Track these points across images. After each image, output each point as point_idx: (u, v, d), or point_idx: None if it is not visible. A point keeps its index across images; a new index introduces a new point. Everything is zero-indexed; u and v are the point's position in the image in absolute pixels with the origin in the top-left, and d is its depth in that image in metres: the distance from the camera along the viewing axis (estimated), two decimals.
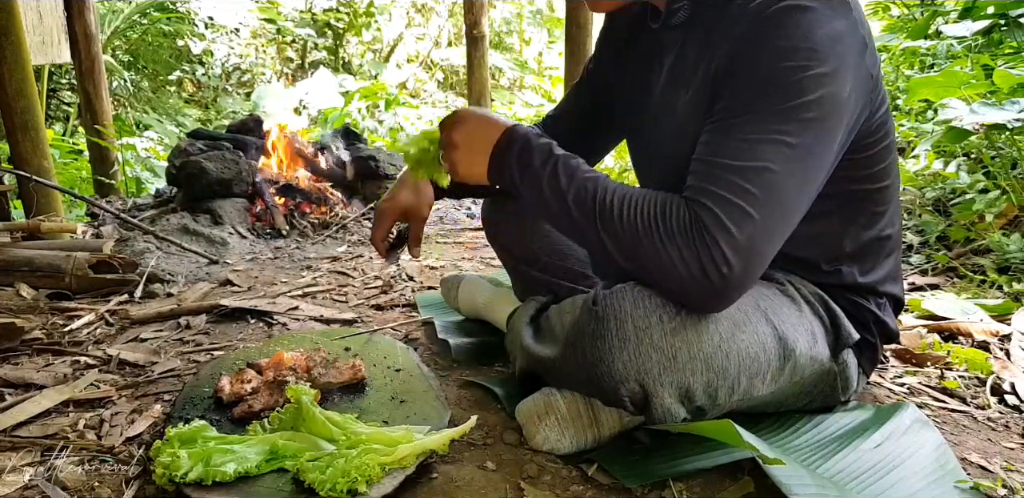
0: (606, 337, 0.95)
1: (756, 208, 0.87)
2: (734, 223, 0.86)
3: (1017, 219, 2.21)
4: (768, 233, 0.88)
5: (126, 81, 7.30)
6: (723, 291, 0.89)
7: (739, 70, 0.92)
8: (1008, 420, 1.26)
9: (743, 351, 0.97)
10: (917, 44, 3.33)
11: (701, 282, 0.88)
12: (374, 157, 3.23)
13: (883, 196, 1.11)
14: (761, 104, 0.89)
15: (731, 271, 0.87)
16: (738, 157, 0.89)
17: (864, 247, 1.13)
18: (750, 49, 0.91)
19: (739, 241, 0.86)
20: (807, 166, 0.90)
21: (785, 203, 0.89)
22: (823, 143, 0.90)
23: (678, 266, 0.89)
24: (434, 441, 1.02)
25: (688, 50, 1.04)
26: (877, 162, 1.07)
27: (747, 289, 0.91)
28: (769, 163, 0.87)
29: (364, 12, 8.48)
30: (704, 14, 1.01)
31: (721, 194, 0.88)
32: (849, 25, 0.91)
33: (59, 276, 1.95)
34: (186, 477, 0.94)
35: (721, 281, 0.87)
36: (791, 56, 0.88)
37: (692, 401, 0.97)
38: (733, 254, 0.86)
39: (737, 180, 0.88)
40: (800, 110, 0.88)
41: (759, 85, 0.90)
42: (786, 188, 0.88)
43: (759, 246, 0.88)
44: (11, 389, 1.35)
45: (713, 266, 0.87)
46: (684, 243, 0.88)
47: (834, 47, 0.89)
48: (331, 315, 1.80)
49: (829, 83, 0.88)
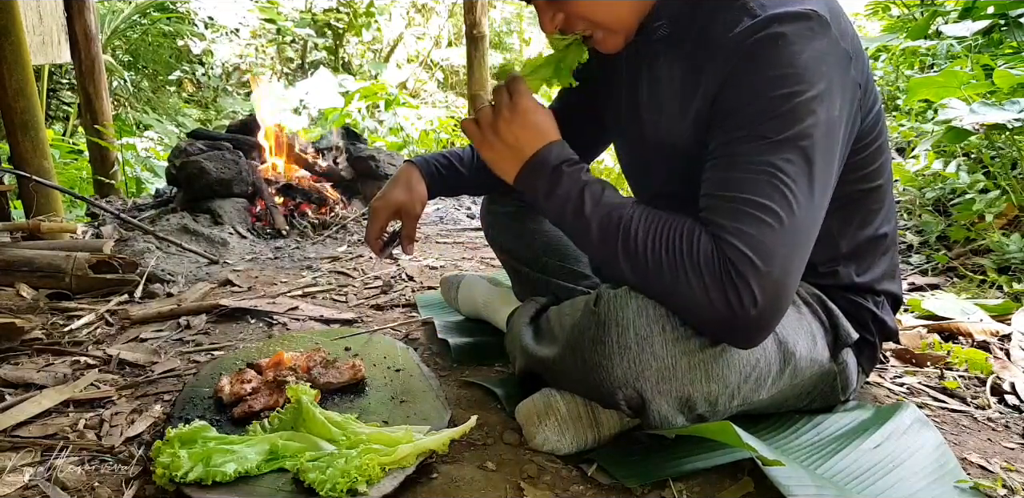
0: (607, 343, 0.95)
1: (779, 243, 0.88)
2: (761, 260, 0.87)
3: (1017, 219, 2.21)
4: (792, 264, 0.89)
5: (126, 81, 7.30)
6: (754, 327, 0.89)
7: (732, 103, 0.93)
8: (1008, 420, 1.26)
9: (744, 358, 0.97)
10: (917, 44, 3.33)
11: (730, 319, 0.88)
12: (374, 157, 3.23)
13: (878, 195, 1.12)
14: (760, 136, 0.90)
15: (759, 308, 0.87)
16: (752, 191, 0.89)
17: (860, 246, 1.13)
18: (739, 82, 0.92)
19: (766, 278, 0.87)
20: (814, 190, 0.90)
21: (802, 231, 0.90)
22: (825, 163, 0.91)
23: (706, 301, 0.88)
24: (434, 441, 1.02)
25: (672, 64, 1.05)
26: (871, 162, 1.07)
27: (777, 323, 0.91)
28: (783, 195, 0.88)
29: (364, 12, 8.48)
30: (684, 31, 1.02)
31: (743, 230, 0.88)
32: (830, 42, 0.91)
33: (59, 276, 1.95)
34: (186, 477, 0.94)
35: (750, 318, 0.87)
36: (780, 84, 0.89)
37: (693, 410, 0.97)
38: (761, 291, 0.86)
39: (757, 213, 0.88)
40: (799, 138, 0.89)
41: (754, 117, 0.90)
42: (801, 217, 0.89)
43: (784, 280, 0.88)
44: (11, 389, 1.35)
45: (741, 304, 0.87)
46: (712, 279, 0.88)
47: (819, 68, 0.89)
48: (331, 315, 1.80)
49: (819, 104, 0.89)
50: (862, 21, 5.12)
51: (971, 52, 2.98)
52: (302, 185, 3.12)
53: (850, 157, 1.03)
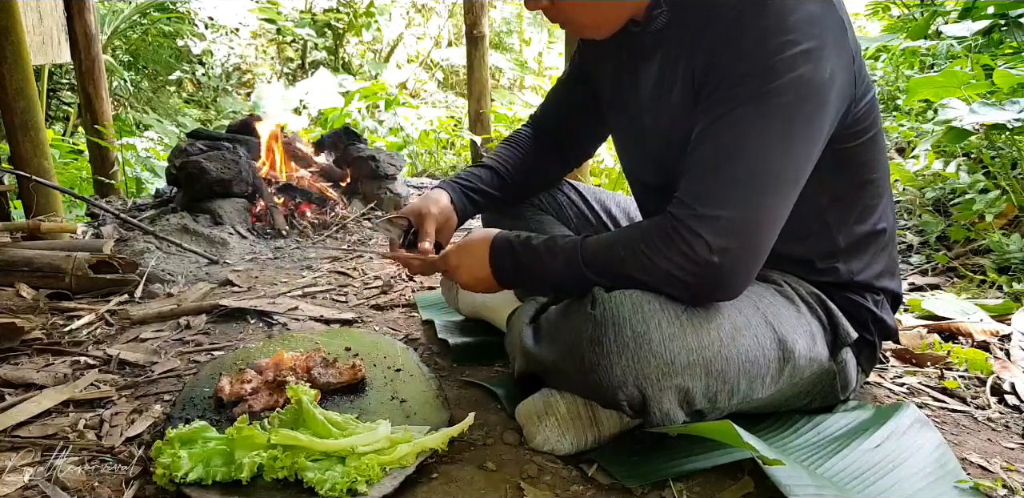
0: (604, 343, 0.95)
1: (735, 189, 0.87)
2: (712, 207, 0.87)
3: (1017, 219, 2.21)
4: (756, 209, 0.88)
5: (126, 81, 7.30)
6: (729, 272, 0.89)
7: (718, 63, 0.93)
8: (1008, 420, 1.26)
9: (743, 355, 0.97)
10: (917, 44, 3.33)
11: (701, 270, 0.88)
12: (374, 157, 3.23)
13: (874, 189, 1.11)
14: (739, 93, 0.90)
15: (728, 250, 0.87)
16: (717, 150, 0.90)
17: (858, 242, 1.13)
18: (727, 42, 0.92)
19: (723, 222, 0.86)
20: (789, 146, 0.89)
21: (768, 181, 0.89)
22: (800, 122, 0.90)
23: (671, 269, 0.91)
24: (434, 439, 1.02)
25: (672, 53, 1.05)
26: (865, 153, 1.07)
27: (756, 263, 0.91)
28: (746, 148, 0.88)
29: (364, 12, 8.47)
30: (684, 18, 1.02)
31: (696, 188, 0.89)
32: (825, 7, 0.91)
33: (59, 276, 1.95)
34: (186, 477, 0.94)
35: (719, 263, 0.88)
36: (764, 40, 0.88)
37: (691, 405, 0.97)
38: (714, 234, 0.87)
39: (704, 169, 0.89)
40: (777, 93, 0.88)
41: (736, 74, 0.90)
42: (767, 168, 0.88)
43: (750, 223, 0.88)
44: (11, 389, 1.35)
45: (702, 251, 0.87)
46: (666, 244, 0.90)
47: (810, 28, 0.89)
48: (331, 315, 1.80)
49: (804, 63, 0.88)
50: (862, 21, 5.12)
51: (971, 52, 2.98)
52: (302, 185, 3.12)
53: (842, 144, 1.03)
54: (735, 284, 0.92)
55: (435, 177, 4.80)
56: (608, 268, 0.98)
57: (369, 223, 3.07)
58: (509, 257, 1.10)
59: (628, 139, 1.26)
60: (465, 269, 1.14)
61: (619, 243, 0.97)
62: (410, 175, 4.87)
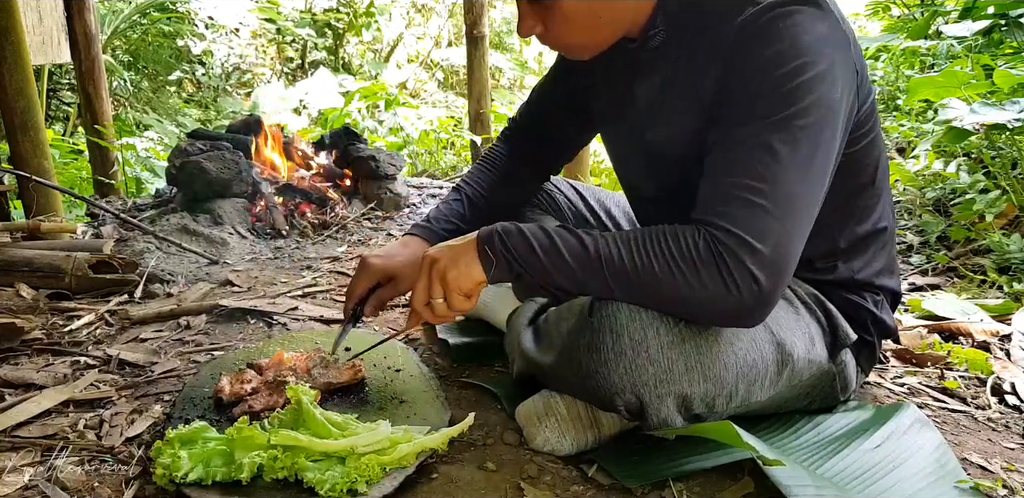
0: (602, 350, 0.95)
1: (772, 220, 0.87)
2: (755, 238, 0.87)
3: (1017, 219, 2.21)
4: (789, 240, 0.89)
5: (126, 81, 7.30)
6: (759, 305, 0.89)
7: (732, 84, 0.93)
8: (1008, 420, 1.26)
9: (741, 359, 0.97)
10: (917, 44, 3.33)
11: (737, 302, 0.88)
12: (374, 157, 3.23)
13: (874, 189, 1.12)
14: (758, 116, 0.90)
15: (762, 285, 0.87)
16: (744, 174, 0.89)
17: (858, 241, 1.13)
18: (740, 63, 0.92)
19: (764, 255, 0.87)
20: (811, 170, 0.90)
21: (799, 209, 0.90)
22: (822, 145, 0.91)
23: (710, 294, 0.88)
24: (433, 439, 1.02)
25: (671, 68, 1.05)
26: (866, 154, 1.07)
27: (780, 296, 0.91)
28: (776, 174, 0.88)
29: (364, 12, 8.47)
30: (682, 36, 1.02)
31: (734, 212, 0.88)
32: (832, 25, 0.92)
33: (59, 276, 1.95)
34: (186, 478, 0.94)
35: (755, 297, 0.87)
36: (780, 64, 0.89)
37: (689, 410, 0.97)
38: (760, 269, 0.86)
39: (748, 196, 0.88)
40: (796, 117, 0.88)
41: (753, 97, 0.91)
42: (796, 195, 0.89)
43: (783, 255, 0.88)
44: (11, 389, 1.35)
45: (745, 284, 0.87)
46: (709, 270, 0.87)
47: (822, 49, 0.90)
48: (331, 315, 1.80)
49: (819, 86, 0.89)
50: (862, 21, 5.11)
51: (971, 52, 2.98)
52: (302, 185, 3.12)
53: (846, 149, 1.03)
54: (762, 314, 0.91)
55: (435, 177, 4.80)
56: (638, 284, 0.91)
57: (369, 223, 3.07)
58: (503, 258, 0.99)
59: (625, 150, 1.27)
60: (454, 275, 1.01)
61: (652, 253, 0.90)
62: (410, 175, 4.87)
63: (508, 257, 0.98)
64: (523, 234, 0.98)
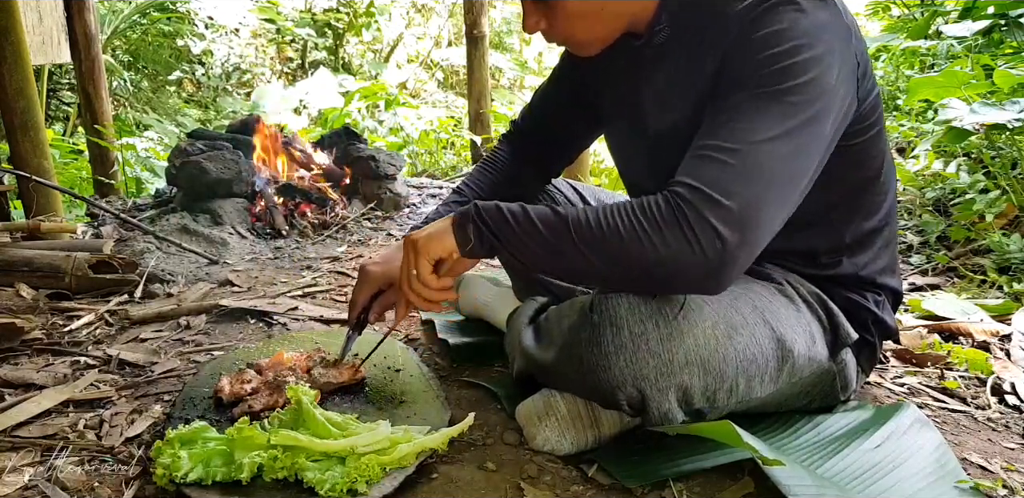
0: (602, 344, 0.95)
1: (741, 179, 0.86)
2: (720, 194, 0.85)
3: (1017, 219, 2.21)
4: (759, 203, 0.86)
5: (126, 81, 7.30)
6: (724, 265, 0.86)
7: (729, 64, 0.93)
8: (1008, 420, 1.26)
9: (740, 353, 0.97)
10: (917, 44, 3.33)
11: (700, 261, 0.85)
12: (374, 157, 3.23)
13: (881, 185, 1.12)
14: (748, 88, 0.90)
15: (727, 242, 0.84)
16: (721, 137, 0.89)
17: (863, 238, 1.13)
18: (738, 45, 0.92)
19: (729, 210, 0.84)
20: (793, 144, 0.88)
21: (772, 175, 0.87)
22: (811, 125, 0.89)
23: (673, 252, 0.85)
24: (433, 439, 1.02)
25: (676, 64, 1.05)
26: (871, 148, 1.07)
27: (749, 260, 0.89)
28: (753, 138, 0.87)
29: (364, 12, 8.47)
30: (686, 31, 1.02)
31: (701, 171, 0.87)
32: (833, 14, 0.92)
33: (59, 276, 1.95)
34: (186, 478, 0.94)
35: (719, 255, 0.84)
36: (778, 43, 0.89)
37: (690, 404, 0.97)
38: (724, 225, 0.84)
39: (718, 155, 0.87)
40: (787, 93, 0.88)
41: (747, 73, 0.91)
42: (772, 161, 0.87)
43: (751, 216, 0.85)
44: (11, 389, 1.35)
45: (708, 240, 0.84)
46: (671, 228, 0.85)
47: (820, 34, 0.90)
48: (331, 315, 1.80)
49: (815, 68, 0.89)
50: (862, 21, 5.11)
51: (971, 52, 2.97)
52: (302, 185, 3.12)
53: (851, 140, 1.03)
54: (725, 277, 0.88)
55: (435, 177, 4.80)
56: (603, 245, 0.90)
57: (369, 223, 3.07)
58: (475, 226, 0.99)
59: (628, 149, 1.26)
60: (424, 238, 1.02)
61: (618, 215, 0.90)
62: (410, 175, 4.87)
63: (482, 226, 0.98)
64: (498, 206, 0.99)
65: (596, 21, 1.03)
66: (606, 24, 1.04)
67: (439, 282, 1.05)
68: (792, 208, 0.92)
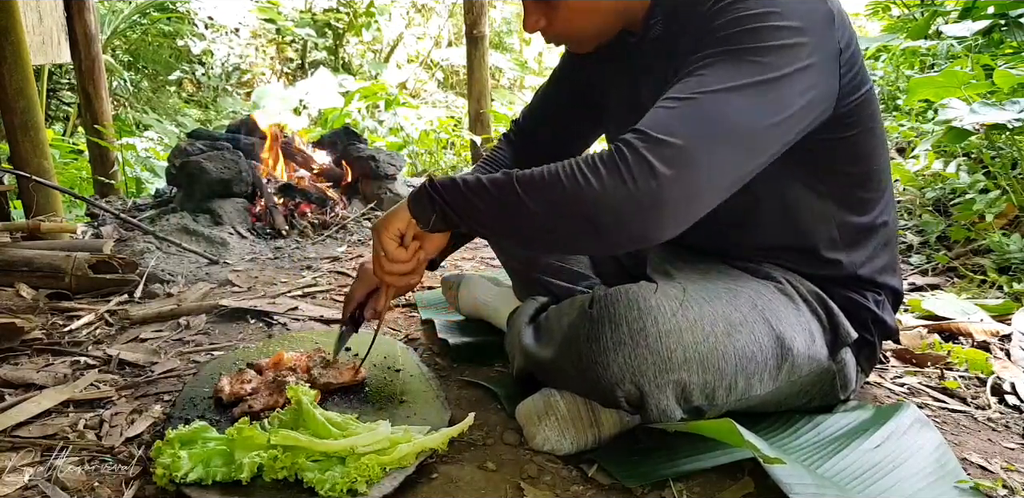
0: (601, 340, 0.95)
1: (686, 120, 0.85)
2: (659, 132, 0.84)
3: (1017, 219, 2.21)
4: (702, 143, 0.84)
5: (126, 81, 7.30)
6: (658, 202, 0.83)
7: (705, 34, 0.93)
8: (1008, 420, 1.26)
9: (740, 351, 0.97)
10: (917, 44, 3.33)
11: (632, 196, 0.83)
12: (374, 157, 3.23)
13: (873, 183, 1.12)
14: (713, 50, 0.90)
15: (660, 177, 0.82)
16: (677, 91, 0.89)
17: (860, 234, 1.13)
18: (713, 14, 0.93)
19: (669, 147, 0.83)
20: (753, 101, 0.86)
21: (721, 121, 0.85)
22: (776, 89, 0.88)
23: (606, 187, 0.84)
24: (433, 439, 1.02)
25: (670, 59, 1.05)
26: (862, 145, 1.07)
27: (689, 205, 0.86)
28: (706, 89, 0.86)
29: (364, 12, 8.48)
30: (679, 25, 1.02)
31: (653, 117, 0.87)
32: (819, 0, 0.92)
33: (59, 276, 1.95)
34: (186, 478, 0.94)
35: (653, 191, 0.82)
36: (750, 9, 0.89)
37: (689, 401, 0.97)
38: (660, 160, 0.82)
39: (670, 104, 0.87)
40: (752, 53, 0.87)
41: (715, 37, 0.91)
42: (723, 108, 0.86)
43: (692, 154, 0.83)
44: (11, 389, 1.35)
45: (641, 174, 0.82)
46: (608, 166, 0.85)
47: (797, 9, 0.90)
48: (331, 315, 1.80)
49: (788, 37, 0.88)
50: (862, 21, 5.12)
51: (971, 52, 2.98)
52: (302, 185, 3.12)
53: (837, 133, 1.02)
54: (662, 218, 0.85)
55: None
56: (544, 191, 0.89)
57: (369, 223, 3.07)
58: (427, 193, 1.01)
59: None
60: (383, 219, 1.07)
61: (561, 165, 0.90)
62: (410, 175, 4.87)
63: (434, 194, 1.00)
64: (452, 177, 1.00)
65: (594, 17, 1.05)
66: (604, 19, 1.06)
67: (406, 254, 1.07)
68: (747, 168, 0.89)
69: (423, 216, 1.03)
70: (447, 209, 0.99)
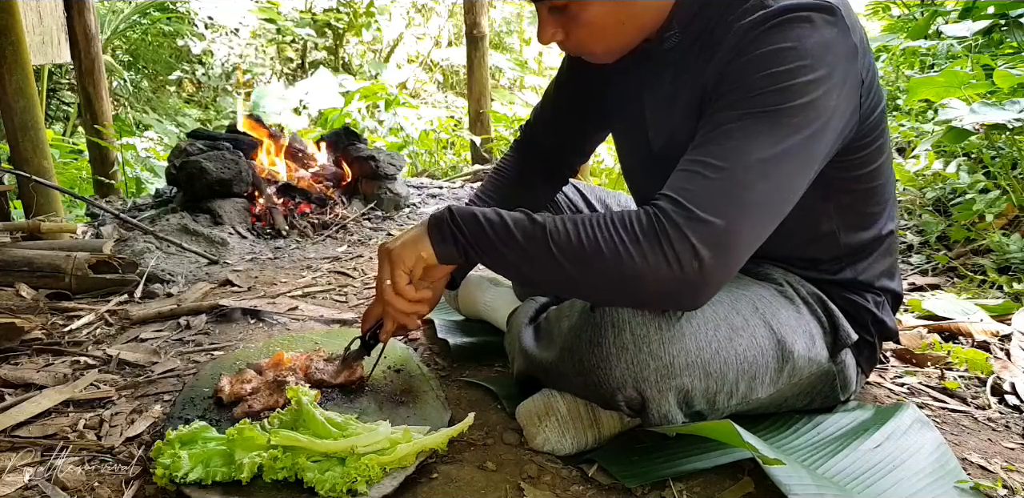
0: (603, 345, 0.95)
1: (726, 198, 0.85)
2: (702, 210, 0.84)
3: (1017, 219, 2.21)
4: (741, 223, 0.86)
5: (126, 81, 7.30)
6: (700, 284, 0.86)
7: (729, 80, 0.92)
8: (1008, 420, 1.26)
9: (741, 355, 0.97)
10: (917, 44, 3.33)
11: (675, 278, 0.85)
12: (374, 157, 3.23)
13: (879, 196, 1.12)
14: (745, 106, 0.89)
15: (704, 261, 0.84)
16: (711, 153, 0.88)
17: (863, 246, 1.13)
18: (741, 59, 0.91)
19: (710, 228, 0.84)
20: (785, 169, 0.88)
21: (758, 197, 0.87)
22: (804, 149, 0.89)
23: (650, 265, 0.85)
24: (433, 439, 1.02)
25: (682, 71, 1.04)
26: (869, 163, 1.07)
27: (727, 279, 0.89)
28: (742, 156, 0.86)
29: (364, 12, 8.48)
30: (696, 39, 1.02)
31: (686, 185, 0.87)
32: (840, 33, 0.91)
33: (59, 276, 1.95)
34: (186, 478, 0.94)
35: (695, 273, 0.84)
36: (780, 62, 0.88)
37: (690, 406, 0.97)
38: (703, 242, 0.84)
39: (705, 172, 0.87)
40: (784, 114, 0.87)
41: (746, 89, 0.90)
42: (760, 183, 0.86)
43: (733, 236, 0.85)
44: (11, 389, 1.35)
45: (686, 258, 0.84)
46: (649, 240, 0.85)
47: (824, 55, 0.88)
48: (331, 315, 1.80)
49: (815, 90, 0.88)
50: (862, 21, 5.11)
51: (971, 52, 2.98)
52: (302, 185, 3.12)
53: (848, 155, 1.02)
54: (700, 295, 0.88)
55: (435, 177, 4.80)
56: (583, 258, 0.89)
57: (369, 223, 3.07)
58: (449, 230, 0.99)
59: (634, 160, 1.26)
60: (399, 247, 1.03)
61: (597, 227, 0.89)
62: (410, 175, 4.87)
63: (455, 230, 0.99)
64: (473, 212, 0.99)
65: (614, 30, 1.01)
66: (624, 32, 1.02)
67: (416, 294, 1.06)
68: (772, 229, 0.91)
69: (444, 252, 1.01)
70: (470, 249, 0.98)
